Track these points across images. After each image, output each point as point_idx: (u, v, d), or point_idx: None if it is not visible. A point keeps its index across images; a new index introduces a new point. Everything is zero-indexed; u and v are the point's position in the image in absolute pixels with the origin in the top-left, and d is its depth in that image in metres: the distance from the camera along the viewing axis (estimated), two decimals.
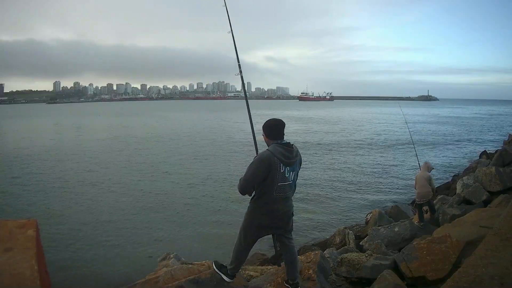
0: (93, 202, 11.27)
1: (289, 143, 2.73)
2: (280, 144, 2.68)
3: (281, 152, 2.64)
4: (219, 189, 12.77)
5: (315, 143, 24.39)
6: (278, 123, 2.76)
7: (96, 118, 57.39)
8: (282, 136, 2.75)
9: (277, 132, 2.74)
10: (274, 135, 2.74)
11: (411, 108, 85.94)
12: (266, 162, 2.60)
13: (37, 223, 1.77)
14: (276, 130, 2.74)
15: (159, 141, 26.06)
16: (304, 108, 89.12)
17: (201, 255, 6.51)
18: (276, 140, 2.72)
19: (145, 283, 3.07)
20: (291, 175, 2.71)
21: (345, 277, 3.87)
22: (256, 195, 2.74)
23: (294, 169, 2.74)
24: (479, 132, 33.54)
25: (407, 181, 13.93)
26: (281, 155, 2.63)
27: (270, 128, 2.76)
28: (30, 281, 1.33)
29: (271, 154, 2.61)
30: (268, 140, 2.77)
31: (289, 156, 2.66)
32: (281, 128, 2.75)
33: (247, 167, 2.68)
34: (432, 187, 6.80)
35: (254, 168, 2.62)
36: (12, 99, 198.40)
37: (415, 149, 11.26)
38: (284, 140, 2.73)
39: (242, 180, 2.68)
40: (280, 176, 2.64)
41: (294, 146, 2.75)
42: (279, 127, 2.75)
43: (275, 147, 2.66)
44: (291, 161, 2.68)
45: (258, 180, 2.64)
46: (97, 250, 7.79)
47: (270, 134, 2.75)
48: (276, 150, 2.64)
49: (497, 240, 2.68)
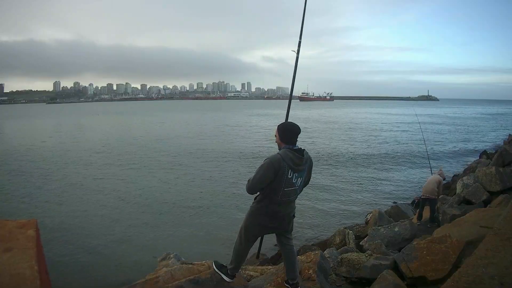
0: (93, 202, 11.27)
1: (301, 149, 2.70)
2: (291, 150, 2.65)
3: (291, 159, 2.62)
4: (219, 189, 12.76)
5: (315, 143, 24.40)
6: (295, 128, 2.72)
7: (94, 117, 57.39)
8: (295, 142, 2.72)
9: (291, 137, 2.70)
10: (288, 140, 2.70)
11: (411, 108, 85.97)
12: (276, 166, 2.58)
13: (37, 223, 1.77)
14: (291, 134, 2.70)
15: (159, 141, 26.05)
16: (306, 108, 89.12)
17: (201, 255, 6.51)
18: (289, 144, 2.69)
19: (145, 283, 3.07)
20: (298, 181, 2.70)
21: (345, 277, 3.86)
22: (260, 197, 2.74)
23: (302, 176, 2.72)
24: (479, 132, 33.55)
25: (408, 181, 13.95)
26: (291, 161, 2.61)
27: (285, 132, 2.72)
28: (30, 281, 1.33)
29: (281, 158, 2.60)
30: (280, 143, 2.74)
31: (298, 163, 2.64)
32: (297, 133, 2.72)
33: (256, 168, 2.67)
34: (439, 190, 7.06)
35: (264, 170, 2.60)
36: (12, 99, 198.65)
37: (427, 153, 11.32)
38: (296, 146, 2.70)
39: (251, 181, 2.66)
40: (287, 181, 2.63)
41: (305, 152, 2.72)
42: (295, 132, 2.71)
43: (286, 152, 2.63)
44: (300, 168, 2.66)
45: (266, 182, 2.63)
46: (97, 250, 7.79)
47: (284, 137, 2.71)
48: (286, 155, 2.62)
49: (497, 240, 2.68)
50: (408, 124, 38.81)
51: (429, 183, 7.05)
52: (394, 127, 38.09)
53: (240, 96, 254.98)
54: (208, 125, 41.46)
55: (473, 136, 30.34)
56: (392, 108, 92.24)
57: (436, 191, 6.95)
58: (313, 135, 29.74)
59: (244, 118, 52.00)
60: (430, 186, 6.97)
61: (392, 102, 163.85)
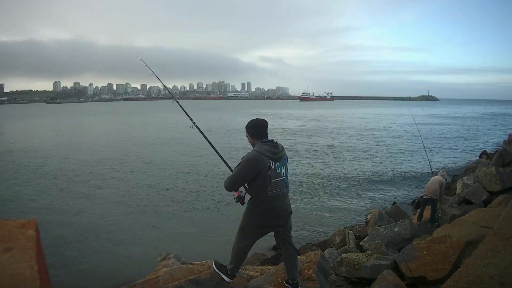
0: (93, 202, 11.27)
1: (273, 140, 2.79)
2: (265, 142, 2.74)
3: (268, 149, 2.69)
4: (219, 189, 12.75)
5: (316, 143, 24.39)
6: (263, 123, 2.83)
7: (94, 117, 57.36)
8: (266, 135, 2.81)
9: (261, 131, 2.80)
10: (259, 135, 2.79)
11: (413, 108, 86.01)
12: (253, 162, 2.65)
13: (37, 223, 1.77)
14: (260, 129, 2.80)
15: (159, 141, 26.05)
16: (307, 108, 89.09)
17: (201, 255, 6.51)
18: (261, 139, 2.78)
19: (145, 283, 3.07)
20: (282, 170, 2.77)
21: (345, 277, 3.86)
22: (253, 197, 2.77)
23: (284, 164, 2.79)
24: (479, 132, 33.54)
25: (408, 181, 13.95)
26: (269, 152, 2.69)
27: (254, 128, 2.81)
28: (30, 281, 1.33)
29: (258, 153, 2.67)
30: (252, 140, 2.82)
31: (275, 151, 2.72)
32: (265, 127, 2.82)
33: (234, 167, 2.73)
34: (441, 191, 7.15)
35: (240, 168, 2.67)
36: (12, 99, 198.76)
37: (425, 150, 11.34)
38: (267, 139, 2.79)
39: (230, 178, 2.73)
40: (272, 173, 2.69)
41: (278, 142, 2.81)
42: (262, 125, 2.81)
43: (260, 145, 2.72)
44: (279, 156, 2.74)
45: (246, 179, 2.70)
46: (97, 250, 7.79)
47: (255, 133, 2.80)
48: (262, 148, 2.69)
49: (497, 240, 2.67)
50: (409, 125, 38.79)
51: (431, 183, 7.11)
52: (394, 127, 38.08)
53: (240, 96, 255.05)
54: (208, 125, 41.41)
55: (473, 136, 30.34)
56: (392, 108, 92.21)
57: (438, 191, 7.01)
58: (312, 134, 29.72)
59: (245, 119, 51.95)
60: (432, 187, 7.04)
61: (392, 102, 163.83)
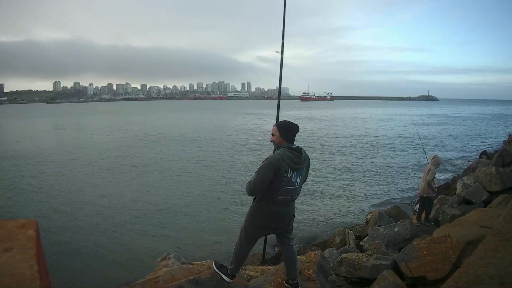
0: (93, 202, 11.26)
1: (299, 148, 2.75)
2: (289, 149, 2.70)
3: (290, 157, 2.66)
4: (219, 189, 12.76)
5: (316, 143, 24.39)
6: (295, 127, 2.81)
7: (92, 117, 57.35)
8: (293, 140, 2.79)
9: (292, 134, 2.77)
10: (289, 137, 2.77)
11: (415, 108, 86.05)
12: (276, 166, 2.61)
13: (37, 223, 1.76)
14: (292, 132, 2.78)
15: (159, 141, 26.05)
16: (308, 108, 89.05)
17: (201, 255, 6.52)
18: (288, 142, 2.75)
19: (145, 283, 3.07)
20: (298, 180, 2.74)
21: (345, 277, 3.86)
22: (260, 197, 2.75)
23: (301, 174, 2.76)
24: (479, 132, 33.54)
25: (408, 181, 13.95)
26: (290, 160, 2.65)
27: (286, 130, 2.78)
28: (30, 281, 1.32)
29: (281, 158, 2.63)
30: (280, 140, 2.78)
31: (297, 162, 2.69)
32: (296, 132, 2.80)
33: (256, 169, 2.69)
34: (428, 181, 6.51)
35: (264, 171, 2.63)
36: (12, 99, 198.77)
37: (422, 146, 11.33)
38: (294, 145, 2.76)
39: (252, 183, 2.67)
40: (287, 181, 2.66)
41: (303, 150, 2.77)
42: (295, 130, 2.79)
43: (284, 151, 2.68)
44: (299, 167, 2.71)
45: (267, 183, 2.65)
46: (97, 250, 7.78)
47: (286, 135, 2.77)
48: (285, 154, 2.66)
49: (497, 240, 2.67)
50: (409, 125, 38.79)
51: (422, 179, 6.86)
52: (394, 127, 38.08)
53: (240, 96, 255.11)
54: (209, 124, 41.43)
55: (473, 136, 30.33)
56: (392, 108, 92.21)
57: (427, 189, 6.59)
58: (311, 135, 29.72)
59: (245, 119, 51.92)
60: (421, 184, 6.81)
61: (392, 102, 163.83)
